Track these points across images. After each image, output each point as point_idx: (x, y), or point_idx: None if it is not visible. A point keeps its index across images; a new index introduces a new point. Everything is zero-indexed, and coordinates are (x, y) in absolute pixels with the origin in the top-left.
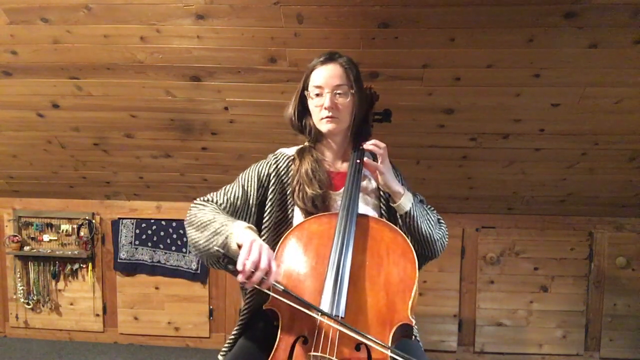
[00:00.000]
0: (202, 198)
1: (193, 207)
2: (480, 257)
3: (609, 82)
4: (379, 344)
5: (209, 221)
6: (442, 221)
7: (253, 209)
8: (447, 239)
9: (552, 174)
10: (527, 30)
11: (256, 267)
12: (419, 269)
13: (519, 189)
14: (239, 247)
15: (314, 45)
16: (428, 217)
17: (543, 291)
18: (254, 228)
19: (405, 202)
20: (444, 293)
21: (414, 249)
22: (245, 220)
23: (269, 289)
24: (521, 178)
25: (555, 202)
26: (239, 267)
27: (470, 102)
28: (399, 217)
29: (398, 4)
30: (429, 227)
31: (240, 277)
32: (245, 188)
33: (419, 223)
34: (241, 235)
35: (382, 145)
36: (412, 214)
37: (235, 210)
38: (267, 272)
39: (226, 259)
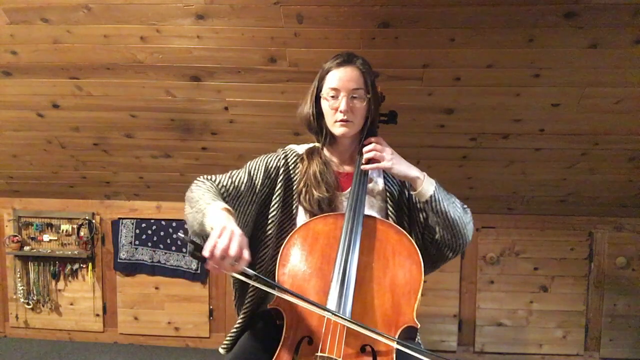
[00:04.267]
0: (205, 176)
1: (193, 184)
2: (480, 257)
3: (609, 82)
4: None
5: (198, 198)
6: (466, 206)
7: (255, 197)
8: (473, 225)
9: (552, 174)
10: (527, 30)
11: (226, 253)
12: (440, 265)
13: (519, 189)
14: (211, 228)
15: (314, 45)
16: (453, 200)
17: (543, 291)
18: (232, 211)
19: (427, 186)
20: (444, 293)
21: (442, 238)
22: (246, 208)
23: (239, 274)
24: (521, 178)
25: (555, 202)
26: (206, 253)
27: (470, 102)
28: (424, 204)
29: (398, 4)
30: (457, 209)
31: (209, 264)
32: (252, 175)
33: (446, 206)
34: (214, 218)
35: (371, 146)
36: (437, 197)
37: (238, 195)
38: (238, 259)
39: (192, 244)
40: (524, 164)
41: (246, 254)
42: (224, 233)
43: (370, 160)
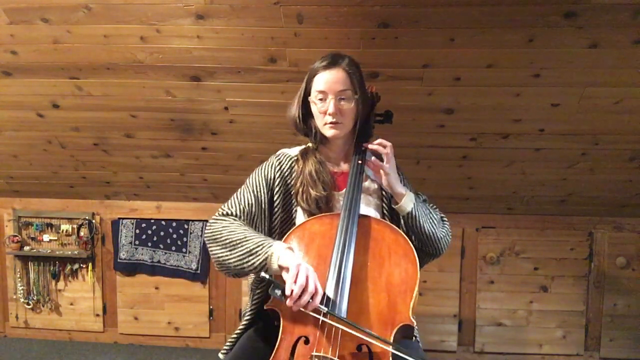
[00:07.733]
0: (219, 212)
1: (214, 222)
2: (480, 257)
3: (609, 82)
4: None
5: (241, 240)
6: (445, 219)
7: (266, 212)
8: (450, 237)
9: (552, 174)
10: (527, 30)
11: (304, 290)
12: (421, 267)
13: (519, 189)
14: (281, 268)
15: (314, 45)
16: (431, 215)
17: (543, 291)
18: (293, 248)
19: (407, 202)
20: (444, 293)
21: (418, 246)
22: (261, 225)
23: (314, 311)
24: (521, 178)
25: (555, 202)
26: (287, 292)
27: (470, 102)
28: (401, 217)
29: (398, 4)
30: (432, 226)
31: (288, 302)
32: (256, 193)
33: (422, 223)
34: (284, 258)
35: (388, 144)
36: (414, 214)
37: (252, 218)
38: (314, 295)
39: (272, 284)
40: (524, 164)
41: (320, 290)
42: (300, 271)
43: (374, 153)
